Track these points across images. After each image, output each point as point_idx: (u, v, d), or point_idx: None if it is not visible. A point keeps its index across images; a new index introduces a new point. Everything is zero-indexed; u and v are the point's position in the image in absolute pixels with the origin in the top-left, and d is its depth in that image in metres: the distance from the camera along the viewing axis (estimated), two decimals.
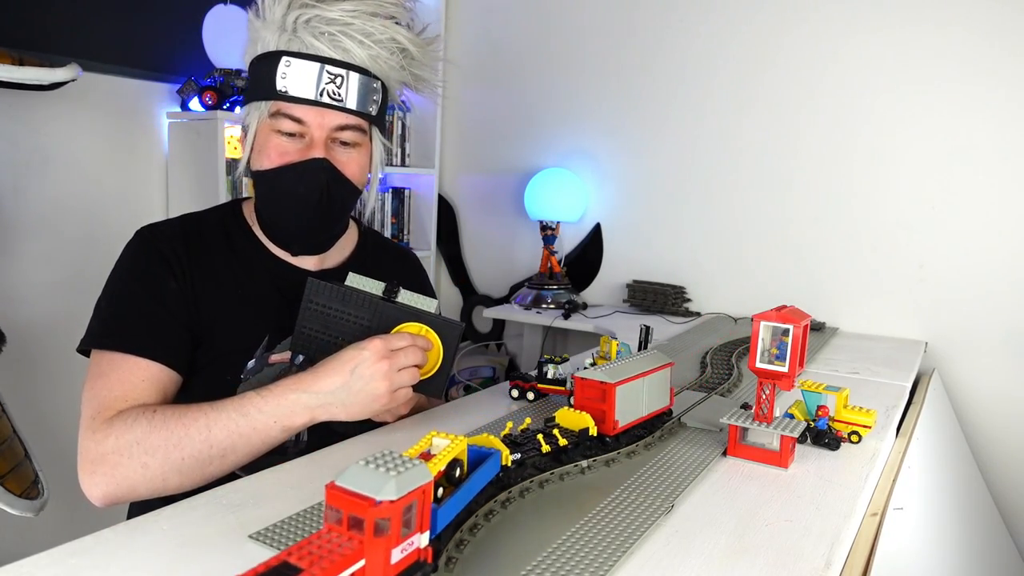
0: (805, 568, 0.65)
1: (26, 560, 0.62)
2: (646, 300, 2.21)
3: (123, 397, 0.89)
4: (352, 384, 0.86)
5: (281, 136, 0.97)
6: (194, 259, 0.99)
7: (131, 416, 0.86)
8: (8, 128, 1.78)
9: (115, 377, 0.90)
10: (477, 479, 0.64)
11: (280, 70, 0.94)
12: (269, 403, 0.86)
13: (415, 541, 0.50)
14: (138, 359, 0.91)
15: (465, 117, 2.69)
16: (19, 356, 1.68)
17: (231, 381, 0.99)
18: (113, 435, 0.85)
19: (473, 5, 2.62)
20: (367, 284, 0.93)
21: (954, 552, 1.24)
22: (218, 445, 0.85)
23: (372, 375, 0.85)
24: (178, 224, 1.03)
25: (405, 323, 0.93)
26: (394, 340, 0.88)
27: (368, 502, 0.45)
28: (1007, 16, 1.75)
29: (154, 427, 0.85)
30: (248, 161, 1.02)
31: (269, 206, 1.02)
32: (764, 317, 0.87)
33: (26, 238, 1.82)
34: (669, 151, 2.26)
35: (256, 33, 0.98)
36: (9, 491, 1.39)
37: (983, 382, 1.85)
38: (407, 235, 2.75)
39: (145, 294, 0.95)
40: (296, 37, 0.94)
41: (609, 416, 0.84)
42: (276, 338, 1.02)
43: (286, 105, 0.95)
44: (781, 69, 2.05)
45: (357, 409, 0.87)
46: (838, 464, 0.91)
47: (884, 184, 1.93)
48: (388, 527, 0.46)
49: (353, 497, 0.46)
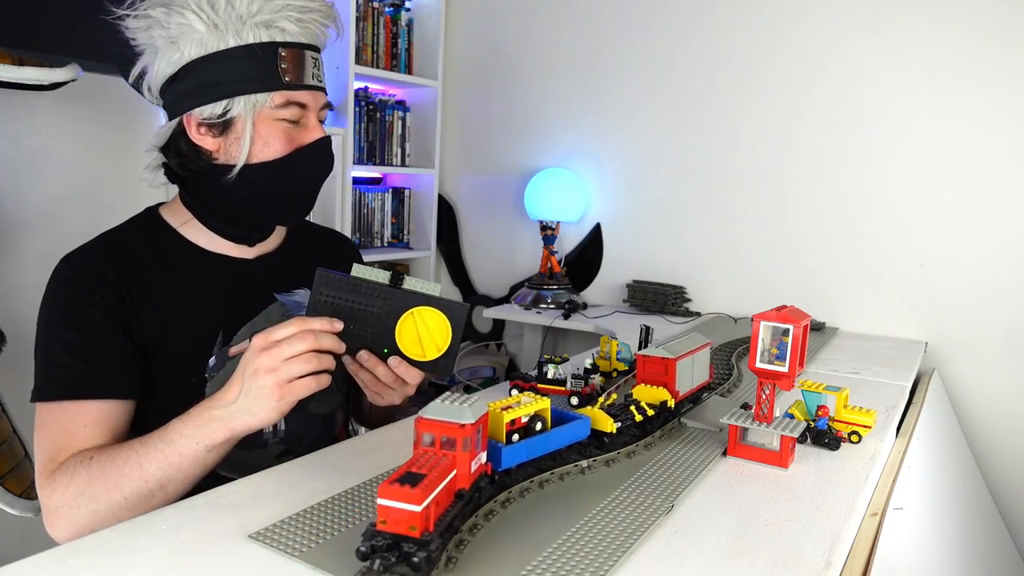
0: (805, 568, 0.65)
1: (26, 560, 0.62)
2: (646, 300, 2.21)
3: (65, 447, 0.90)
4: (246, 387, 0.83)
5: (285, 124, 0.97)
6: (124, 276, 0.96)
7: (70, 468, 0.87)
8: (8, 128, 1.78)
9: (55, 427, 0.91)
10: (556, 435, 0.77)
11: (280, 61, 0.94)
12: (189, 426, 0.85)
13: (480, 458, 0.68)
14: (78, 404, 0.91)
15: (465, 117, 2.69)
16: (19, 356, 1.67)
17: (196, 383, 0.99)
18: (59, 489, 0.86)
19: (472, 5, 2.62)
20: (373, 273, 0.95)
21: (954, 552, 1.24)
22: (153, 479, 0.84)
23: (255, 372, 0.82)
24: (101, 245, 1.00)
25: (414, 307, 0.94)
26: (277, 331, 0.84)
27: (457, 426, 0.62)
28: (1007, 16, 1.75)
29: (92, 475, 0.85)
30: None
31: (274, 195, 1.00)
32: (764, 317, 0.87)
33: (26, 238, 1.82)
34: (669, 151, 2.26)
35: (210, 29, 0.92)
36: (9, 491, 1.39)
37: (983, 382, 1.85)
38: (407, 235, 2.76)
39: (71, 334, 0.93)
40: (276, 28, 0.94)
41: (671, 386, 0.96)
42: (230, 332, 1.02)
43: (293, 93, 0.96)
44: (781, 69, 2.05)
45: (260, 412, 0.83)
46: (838, 464, 0.91)
47: (884, 184, 1.93)
48: (470, 444, 0.64)
49: (444, 424, 0.63)
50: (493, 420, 0.73)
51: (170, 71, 0.94)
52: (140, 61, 0.97)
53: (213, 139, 0.96)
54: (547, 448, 0.77)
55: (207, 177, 0.99)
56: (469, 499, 0.66)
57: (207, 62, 0.93)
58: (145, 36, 0.95)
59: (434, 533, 0.58)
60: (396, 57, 2.60)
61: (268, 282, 1.07)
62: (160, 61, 0.94)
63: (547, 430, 0.77)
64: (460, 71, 2.68)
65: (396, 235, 2.71)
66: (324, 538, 0.66)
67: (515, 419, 0.73)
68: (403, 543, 0.57)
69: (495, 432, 0.73)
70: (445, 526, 0.61)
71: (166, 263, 1.01)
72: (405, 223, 2.75)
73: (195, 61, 0.93)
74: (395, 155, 2.66)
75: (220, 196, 1.00)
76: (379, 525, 0.58)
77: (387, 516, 0.57)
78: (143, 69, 0.97)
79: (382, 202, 2.65)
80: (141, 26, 0.94)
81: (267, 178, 0.98)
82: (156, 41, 0.94)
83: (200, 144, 0.97)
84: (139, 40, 0.96)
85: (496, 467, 0.71)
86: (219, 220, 1.03)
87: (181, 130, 0.97)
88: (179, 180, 1.03)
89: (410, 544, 0.57)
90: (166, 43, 0.93)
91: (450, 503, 0.63)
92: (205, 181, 0.99)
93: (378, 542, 0.58)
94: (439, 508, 0.60)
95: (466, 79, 2.67)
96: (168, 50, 0.93)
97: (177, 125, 0.97)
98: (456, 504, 0.63)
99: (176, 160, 0.99)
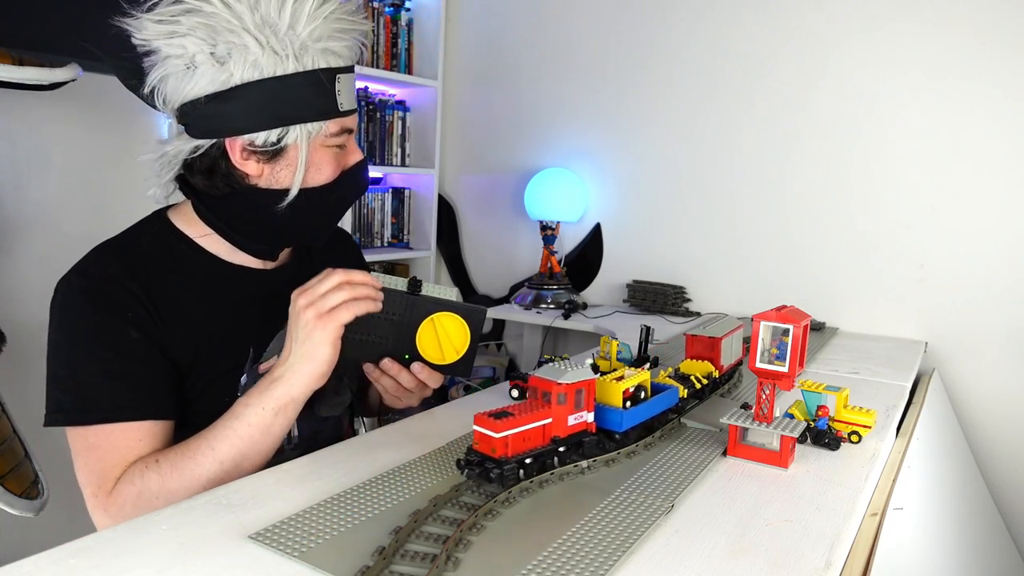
0: (805, 568, 0.65)
1: (26, 560, 0.62)
2: (646, 300, 2.21)
3: (121, 463, 0.87)
4: (296, 336, 0.87)
5: (335, 149, 0.95)
6: (151, 293, 0.92)
7: (136, 475, 0.86)
8: (8, 128, 1.78)
9: (106, 447, 0.87)
10: (657, 401, 0.94)
11: (337, 87, 0.91)
12: (252, 396, 0.87)
13: (583, 416, 0.83)
14: (125, 424, 0.88)
15: (465, 117, 2.69)
16: (19, 356, 1.68)
17: (229, 402, 0.97)
18: (128, 502, 0.85)
19: (473, 5, 2.62)
20: (391, 281, 0.96)
21: (954, 552, 1.24)
22: (228, 458, 0.85)
23: (297, 315, 0.87)
24: (118, 257, 0.93)
25: (434, 313, 0.96)
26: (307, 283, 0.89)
27: (553, 383, 0.79)
28: (1008, 16, 1.75)
29: (164, 474, 0.85)
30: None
31: (311, 219, 0.97)
32: (764, 317, 0.87)
33: (26, 238, 1.82)
34: (669, 151, 2.26)
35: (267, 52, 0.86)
36: (9, 491, 1.39)
37: (983, 382, 1.85)
38: (407, 235, 2.76)
39: (108, 353, 0.88)
40: (333, 53, 0.90)
41: (716, 361, 1.12)
42: (260, 347, 1.00)
43: (345, 120, 0.94)
44: (782, 69, 2.05)
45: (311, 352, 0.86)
46: (838, 464, 0.91)
47: (884, 184, 1.93)
48: (565, 399, 0.79)
49: (544, 381, 0.79)
50: (607, 389, 0.87)
51: (212, 89, 0.87)
52: (158, 69, 0.89)
53: (257, 164, 0.91)
54: (652, 412, 0.93)
55: (242, 199, 0.94)
56: (562, 444, 0.81)
57: (263, 87, 0.87)
58: (168, 44, 0.87)
59: (511, 458, 0.75)
60: (396, 57, 2.60)
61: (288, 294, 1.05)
62: (199, 77, 0.86)
63: (648, 398, 0.92)
64: (460, 71, 2.68)
65: (396, 235, 2.71)
66: (324, 538, 0.66)
67: (626, 389, 0.87)
68: (486, 462, 0.75)
69: (611, 399, 0.87)
70: (530, 458, 0.77)
71: (189, 277, 0.96)
72: (405, 223, 2.75)
73: (249, 84, 0.86)
74: (395, 155, 2.66)
75: (253, 218, 0.96)
76: (474, 446, 0.77)
77: (478, 439, 0.76)
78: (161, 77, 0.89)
79: (382, 202, 2.65)
80: (162, 32, 0.86)
81: (316, 202, 0.95)
82: (191, 53, 0.86)
83: (243, 168, 0.91)
84: (157, 46, 0.87)
85: (618, 428, 0.86)
86: (246, 238, 0.99)
87: (220, 151, 0.91)
88: (198, 195, 0.97)
89: (490, 463, 0.75)
90: (208, 59, 0.86)
91: (543, 444, 0.79)
92: (237, 202, 0.95)
93: (471, 457, 0.76)
94: (526, 444, 0.77)
95: (466, 79, 2.67)
96: (211, 67, 0.86)
97: (214, 145, 0.90)
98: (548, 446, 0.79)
99: (205, 180, 0.94)
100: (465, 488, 0.76)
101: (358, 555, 0.63)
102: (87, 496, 0.88)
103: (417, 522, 0.68)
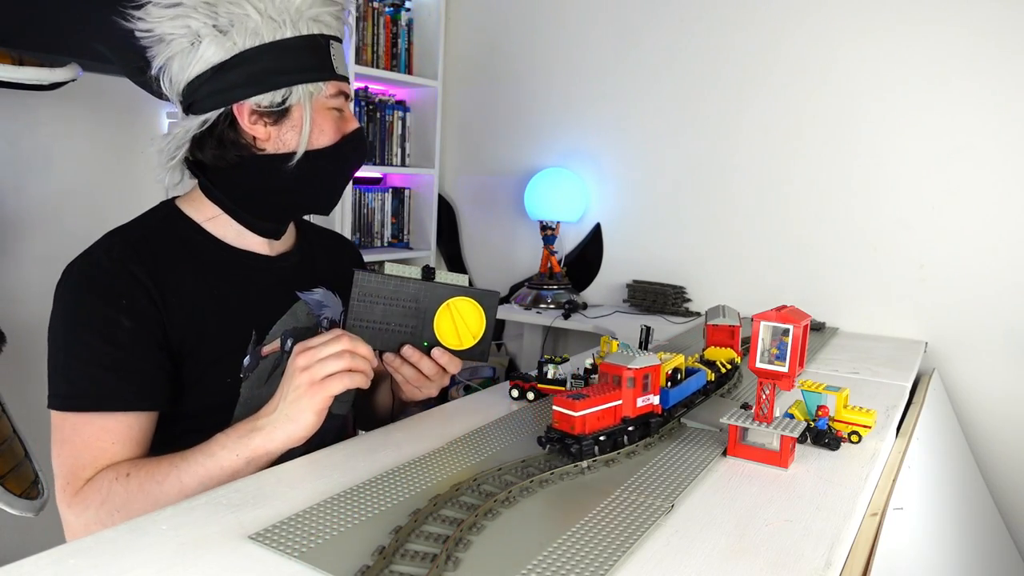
0: (805, 568, 0.65)
1: (26, 560, 0.62)
2: (646, 300, 2.21)
3: (92, 463, 0.88)
4: (286, 393, 0.86)
5: (335, 112, 1.00)
6: (155, 276, 0.93)
7: (104, 484, 0.86)
8: (8, 128, 1.78)
9: (79, 442, 0.88)
10: (692, 382, 1.02)
11: (331, 52, 0.98)
12: (231, 438, 0.86)
13: (650, 399, 0.91)
14: (106, 416, 0.89)
15: (465, 117, 2.69)
16: (19, 356, 1.68)
17: (232, 384, 0.99)
18: (92, 507, 0.86)
19: (472, 5, 2.62)
20: (404, 270, 0.97)
21: (954, 552, 1.24)
22: (192, 493, 0.84)
23: (291, 374, 0.86)
24: (125, 242, 0.95)
25: (449, 298, 0.96)
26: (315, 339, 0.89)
27: (623, 368, 0.87)
28: (1008, 15, 1.75)
29: (131, 492, 0.85)
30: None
31: (316, 184, 1.02)
32: (764, 317, 0.87)
33: (26, 238, 1.82)
34: (669, 151, 2.26)
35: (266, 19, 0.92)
36: (9, 491, 1.39)
37: (983, 382, 1.85)
38: (407, 235, 2.76)
39: (99, 342, 0.89)
40: (322, 22, 0.97)
41: (736, 347, 1.21)
42: (262, 331, 1.02)
43: (342, 84, 1.00)
44: (782, 69, 2.05)
45: (298, 415, 0.85)
46: (838, 464, 0.91)
47: (885, 184, 1.93)
48: (634, 383, 0.87)
49: (614, 366, 0.87)
50: None
51: (217, 60, 0.91)
52: (163, 52, 0.93)
53: (265, 127, 0.96)
54: (689, 391, 1.02)
55: (250, 167, 0.97)
56: (632, 424, 0.89)
57: (264, 52, 0.93)
58: (172, 25, 0.91)
59: (589, 435, 0.83)
60: (396, 57, 2.60)
61: (291, 280, 1.07)
62: (204, 50, 0.91)
63: (683, 379, 0.99)
64: (460, 71, 2.68)
65: (396, 235, 2.71)
66: (324, 538, 0.66)
67: (667, 371, 0.95)
68: (566, 438, 0.83)
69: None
70: (604, 435, 0.85)
71: (195, 260, 0.99)
72: (405, 223, 2.75)
73: (250, 50, 0.92)
74: (395, 155, 2.66)
75: (262, 186, 0.99)
76: (553, 424, 0.85)
77: (557, 417, 0.84)
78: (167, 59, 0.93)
79: (382, 202, 2.65)
80: (167, 15, 0.91)
81: (321, 165, 0.99)
82: (194, 29, 0.91)
83: (252, 132, 0.95)
84: (162, 30, 0.92)
85: (665, 405, 0.93)
86: (252, 213, 1.02)
87: (228, 120, 0.95)
88: (206, 173, 1.01)
89: (569, 439, 0.83)
90: (211, 32, 0.91)
91: (615, 423, 0.87)
92: (246, 171, 0.98)
93: (551, 435, 0.85)
94: (600, 422, 0.85)
95: (466, 79, 2.67)
96: (215, 39, 0.91)
97: (221, 115, 0.94)
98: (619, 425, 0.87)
99: (215, 152, 0.97)
100: (465, 488, 0.77)
101: (358, 555, 0.63)
102: (57, 487, 0.89)
103: (417, 522, 0.68)
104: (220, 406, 0.97)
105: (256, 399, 0.97)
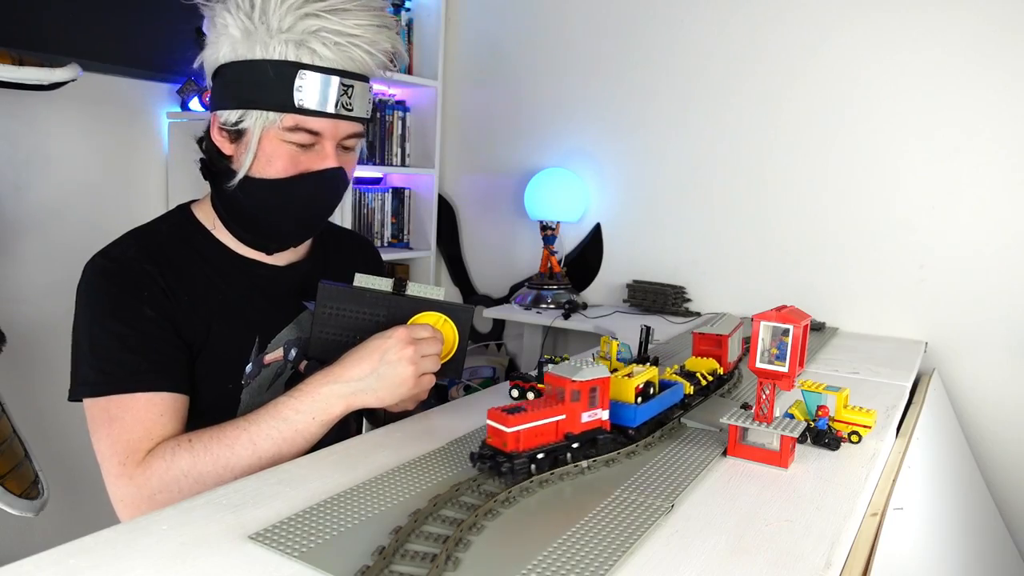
0: (805, 568, 0.65)
1: (26, 560, 0.62)
2: (646, 300, 2.21)
3: (147, 436, 0.88)
4: (381, 370, 0.89)
5: (292, 146, 0.95)
6: (167, 276, 0.96)
7: (168, 451, 0.87)
8: (8, 128, 1.78)
9: (131, 418, 0.89)
10: (666, 396, 0.95)
11: (296, 83, 0.91)
12: (304, 402, 0.88)
13: (598, 413, 0.82)
14: (148, 395, 0.90)
15: (465, 117, 2.69)
16: (19, 356, 1.68)
17: (232, 389, 0.99)
18: (155, 475, 0.86)
19: (472, 5, 2.62)
20: (375, 282, 0.95)
21: (954, 552, 1.24)
22: (266, 456, 0.86)
23: (399, 360, 0.89)
24: (138, 244, 0.98)
25: (420, 313, 0.95)
26: (417, 330, 0.92)
27: (568, 381, 0.79)
28: (1011, 12, 1.75)
29: (197, 456, 0.86)
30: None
31: (272, 213, 0.99)
32: (764, 317, 0.87)
33: (26, 238, 1.82)
34: (669, 151, 2.26)
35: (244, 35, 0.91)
36: (9, 491, 1.39)
37: (983, 382, 1.85)
38: (407, 235, 2.75)
39: (125, 329, 0.91)
40: (306, 48, 0.91)
41: (724, 359, 1.14)
42: (266, 338, 1.02)
43: (304, 119, 0.93)
44: (782, 69, 2.05)
45: (386, 394, 0.90)
46: (838, 464, 0.91)
47: (885, 184, 1.93)
48: (579, 397, 0.80)
49: (558, 378, 0.80)
50: (619, 386, 0.87)
51: (211, 68, 0.97)
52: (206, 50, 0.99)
53: (228, 144, 0.97)
54: (662, 407, 0.94)
55: (226, 179, 0.99)
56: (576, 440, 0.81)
57: (234, 68, 0.93)
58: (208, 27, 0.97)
59: (523, 453, 0.75)
60: None
61: (300, 289, 1.07)
62: (205, 56, 0.97)
63: (657, 394, 0.93)
64: (460, 71, 2.68)
65: (396, 235, 2.71)
66: (324, 538, 0.66)
67: (637, 385, 0.88)
68: (497, 455, 0.76)
69: (624, 396, 0.87)
70: (542, 453, 0.78)
71: (205, 264, 1.00)
72: (405, 223, 2.74)
73: (226, 64, 0.94)
74: (395, 155, 2.66)
75: (230, 202, 1.00)
76: (487, 439, 0.78)
77: (491, 432, 0.77)
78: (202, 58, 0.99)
79: (382, 202, 2.65)
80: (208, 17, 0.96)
81: (265, 195, 0.97)
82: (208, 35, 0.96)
83: (219, 145, 0.98)
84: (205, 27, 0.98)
85: (632, 423, 0.87)
86: (237, 226, 1.03)
87: (208, 127, 0.99)
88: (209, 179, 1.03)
89: (501, 456, 0.76)
90: (211, 41, 0.95)
91: (556, 440, 0.79)
92: (225, 183, 1.00)
93: (484, 451, 0.77)
94: (538, 439, 0.78)
95: (466, 79, 2.67)
96: (210, 48, 0.95)
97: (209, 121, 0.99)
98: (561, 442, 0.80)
99: (203, 156, 1.02)
100: (465, 488, 0.76)
101: (358, 555, 0.63)
102: (110, 467, 0.88)
103: (417, 522, 0.68)
104: (220, 411, 0.97)
105: (256, 407, 0.97)
